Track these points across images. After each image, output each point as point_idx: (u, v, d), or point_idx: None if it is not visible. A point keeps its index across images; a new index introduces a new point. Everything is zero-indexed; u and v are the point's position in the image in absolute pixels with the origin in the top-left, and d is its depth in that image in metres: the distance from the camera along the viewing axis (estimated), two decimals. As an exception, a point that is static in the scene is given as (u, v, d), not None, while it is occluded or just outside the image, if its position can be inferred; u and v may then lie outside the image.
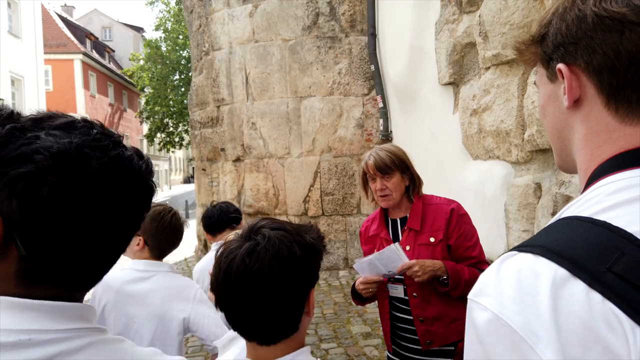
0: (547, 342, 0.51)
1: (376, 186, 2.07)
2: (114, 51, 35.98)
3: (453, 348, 1.98)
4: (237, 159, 7.77)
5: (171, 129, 29.52)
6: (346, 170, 7.15)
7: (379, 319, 2.69)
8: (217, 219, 2.84)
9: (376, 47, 6.70)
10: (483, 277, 0.61)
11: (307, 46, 7.10)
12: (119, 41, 38.24)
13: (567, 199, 2.63)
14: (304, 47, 7.11)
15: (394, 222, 2.17)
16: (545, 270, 0.55)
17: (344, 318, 5.40)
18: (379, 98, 6.74)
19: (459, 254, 2.02)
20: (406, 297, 2.04)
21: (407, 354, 2.06)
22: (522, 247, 0.60)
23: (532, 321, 0.53)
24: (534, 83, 0.81)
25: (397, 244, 1.95)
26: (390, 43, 5.99)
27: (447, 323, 1.98)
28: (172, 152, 42.81)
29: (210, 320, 1.90)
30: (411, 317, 2.03)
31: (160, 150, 34.59)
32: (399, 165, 2.08)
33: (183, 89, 27.71)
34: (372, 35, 6.63)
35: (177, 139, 30.27)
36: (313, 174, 7.21)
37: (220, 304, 0.99)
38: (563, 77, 0.67)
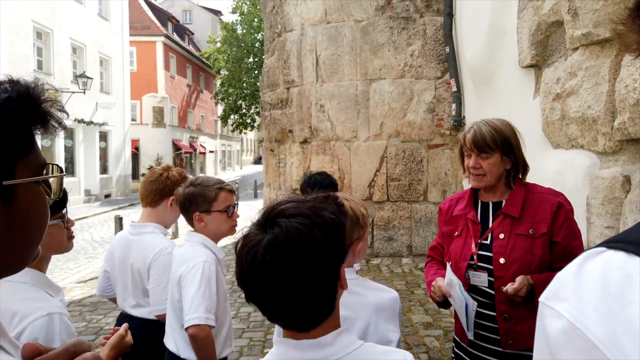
0: None
1: (470, 163, 1.89)
2: (193, 34, 37.32)
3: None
4: (305, 141, 7.79)
5: (244, 110, 30.34)
6: (414, 155, 6.95)
7: (441, 309, 2.55)
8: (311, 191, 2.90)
9: (452, 28, 6.40)
10: (560, 277, 0.51)
11: (380, 27, 6.92)
12: (198, 24, 39.58)
13: (662, 194, 2.37)
14: (376, 28, 6.94)
15: (485, 205, 1.96)
16: None
17: (405, 306, 5.30)
18: (452, 81, 6.45)
19: (566, 253, 1.78)
20: (489, 290, 1.85)
21: (480, 354, 1.89)
22: (613, 243, 0.49)
23: (619, 335, 0.43)
24: None
25: (474, 305, 1.80)
26: (467, 23, 5.69)
27: (533, 324, 1.79)
28: (244, 133, 44.09)
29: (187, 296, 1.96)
30: (493, 313, 1.83)
31: (233, 131, 35.69)
32: (500, 145, 1.85)
33: (256, 72, 28.31)
34: (449, 15, 6.33)
35: (249, 121, 31.09)
36: (379, 159, 7.08)
37: (249, 298, 0.97)
38: None
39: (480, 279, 1.86)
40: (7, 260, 0.63)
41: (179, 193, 2.12)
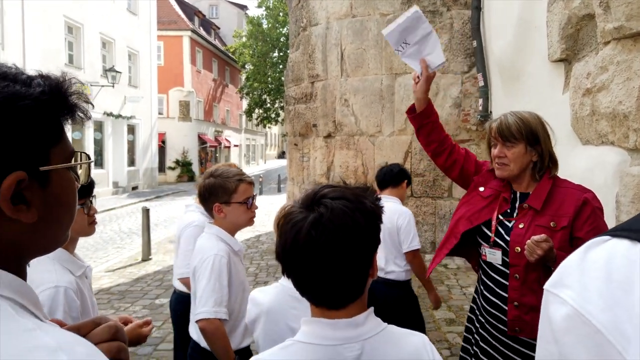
0: None
1: (495, 152, 1.92)
2: (219, 28, 37.63)
3: None
4: (328, 135, 7.80)
5: (268, 105, 30.49)
6: (439, 151, 6.89)
7: (465, 305, 2.56)
8: (382, 177, 3.69)
9: (480, 22, 6.30)
10: (564, 265, 0.51)
11: (406, 21, 6.86)
12: (223, 18, 39.88)
13: (695, 193, 2.30)
14: (402, 22, 6.88)
15: (514, 193, 1.99)
16: None
17: (427, 302, 5.27)
18: (479, 76, 6.36)
19: None
20: (503, 268, 1.89)
21: (485, 335, 1.94)
22: (617, 231, 0.50)
23: (623, 321, 0.44)
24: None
25: (417, 9, 1.94)
26: (496, 17, 5.59)
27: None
28: (269, 127, 44.33)
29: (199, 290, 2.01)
30: (505, 294, 1.87)
31: (257, 125, 35.92)
32: (525, 136, 1.87)
33: (281, 66, 28.39)
34: (477, 8, 6.23)
35: (273, 115, 31.23)
36: (404, 154, 7.04)
37: (287, 272, 1.03)
38: None
39: (495, 256, 1.90)
40: (43, 240, 0.68)
41: (199, 184, 2.16)
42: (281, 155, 56.78)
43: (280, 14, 28.31)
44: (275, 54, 29.16)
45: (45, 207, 0.65)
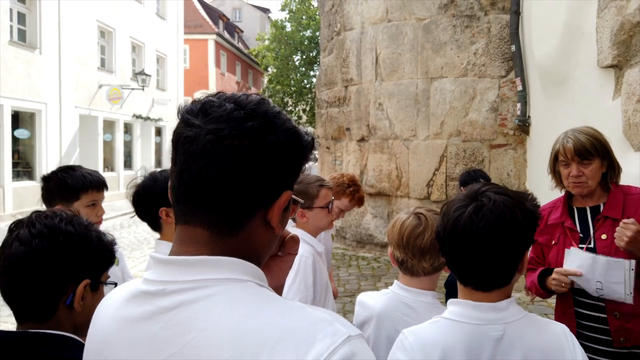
0: None
1: (571, 172, 1.94)
2: (242, 31, 38.01)
3: None
4: (362, 139, 7.86)
5: (290, 107, 30.67)
6: (475, 155, 6.89)
7: (522, 299, 2.57)
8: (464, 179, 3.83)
9: (519, 26, 6.29)
10: None
11: (442, 25, 6.89)
12: (247, 21, 40.27)
13: None
14: (439, 26, 6.91)
15: (581, 211, 2.03)
16: None
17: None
18: (518, 80, 6.35)
19: None
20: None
21: (590, 355, 1.91)
22: None
23: None
24: None
25: (632, 262, 1.76)
26: (537, 21, 5.59)
27: None
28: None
29: None
30: (603, 313, 1.89)
31: (279, 127, 36.05)
32: (600, 151, 1.92)
33: (303, 69, 28.53)
34: (516, 13, 6.23)
35: (295, 118, 31.39)
36: (439, 158, 7.06)
37: (444, 251, 1.17)
38: None
39: None
40: (268, 253, 0.81)
41: None
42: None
43: (304, 17, 28.46)
44: (298, 57, 29.31)
45: (283, 225, 0.77)
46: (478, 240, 1.08)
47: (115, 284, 1.13)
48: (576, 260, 1.87)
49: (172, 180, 0.75)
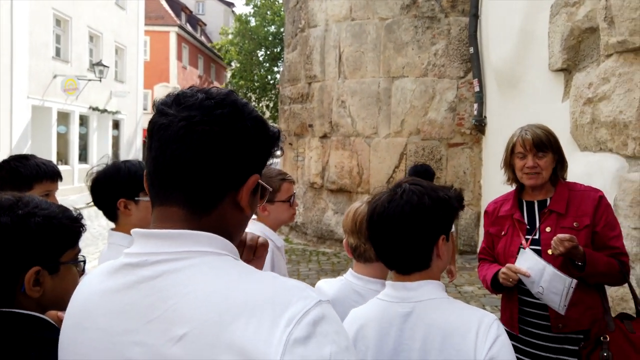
0: None
1: (526, 163, 2.04)
2: (205, 25, 37.38)
3: (582, 336, 1.94)
4: (324, 136, 7.92)
5: (253, 103, 30.44)
6: (433, 153, 7.07)
7: (475, 292, 2.69)
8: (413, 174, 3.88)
9: (477, 29, 6.49)
10: None
11: (404, 25, 7.03)
12: (210, 15, 39.60)
13: (693, 198, 2.48)
14: (401, 26, 7.05)
15: (530, 204, 2.13)
16: None
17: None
18: (475, 81, 6.56)
19: (602, 242, 1.98)
20: None
21: (530, 339, 2.04)
22: None
23: None
24: None
25: (574, 281, 1.88)
26: (494, 25, 5.78)
27: (582, 309, 1.95)
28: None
29: None
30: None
31: (242, 123, 35.69)
32: (553, 145, 2.05)
33: (267, 65, 28.34)
34: (474, 16, 6.43)
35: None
36: (399, 156, 7.20)
37: (370, 238, 1.28)
38: None
39: None
40: (243, 229, 0.87)
41: None
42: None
43: (268, 12, 28.27)
44: (262, 53, 29.10)
45: (252, 207, 0.82)
46: (389, 225, 1.18)
47: (84, 261, 1.13)
48: (528, 261, 1.98)
49: (148, 167, 0.79)
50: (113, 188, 1.74)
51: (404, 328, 1.17)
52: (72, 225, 1.17)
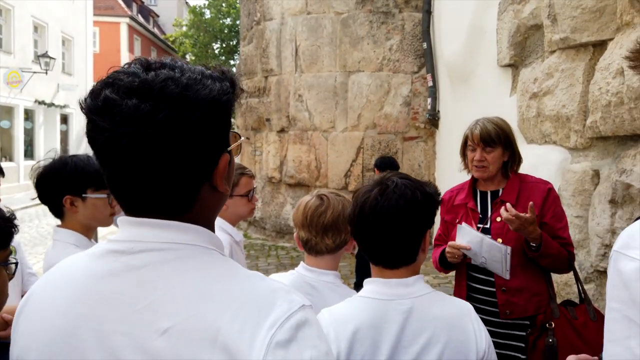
0: None
1: (475, 156, 2.10)
2: (158, 16, 36.35)
3: (528, 322, 2.02)
4: (282, 130, 7.89)
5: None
6: (389, 147, 7.18)
7: (430, 282, 2.77)
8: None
9: (430, 25, 6.63)
10: (628, 232, 0.71)
11: (360, 20, 7.08)
12: (163, 6, 38.50)
13: (628, 187, 2.64)
14: (356, 21, 7.10)
15: (483, 194, 2.21)
16: None
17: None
18: (429, 76, 6.70)
19: (550, 233, 2.05)
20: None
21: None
22: None
23: None
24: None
25: (509, 248, 1.96)
26: (447, 21, 5.93)
27: (528, 296, 2.03)
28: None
29: None
30: (492, 288, 2.08)
31: (198, 117, 35.02)
32: (503, 140, 2.09)
33: (223, 58, 27.88)
34: (427, 12, 6.56)
35: (215, 107, 30.61)
36: (356, 149, 7.27)
37: (356, 234, 1.26)
38: None
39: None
40: (220, 207, 0.83)
41: None
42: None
43: (223, 4, 27.78)
44: (217, 45, 28.60)
45: (228, 182, 0.79)
46: (383, 219, 1.18)
47: (16, 263, 1.09)
48: (467, 236, 2.07)
49: (109, 187, 0.75)
50: (59, 184, 1.66)
51: (407, 325, 1.17)
52: (4, 226, 1.11)
